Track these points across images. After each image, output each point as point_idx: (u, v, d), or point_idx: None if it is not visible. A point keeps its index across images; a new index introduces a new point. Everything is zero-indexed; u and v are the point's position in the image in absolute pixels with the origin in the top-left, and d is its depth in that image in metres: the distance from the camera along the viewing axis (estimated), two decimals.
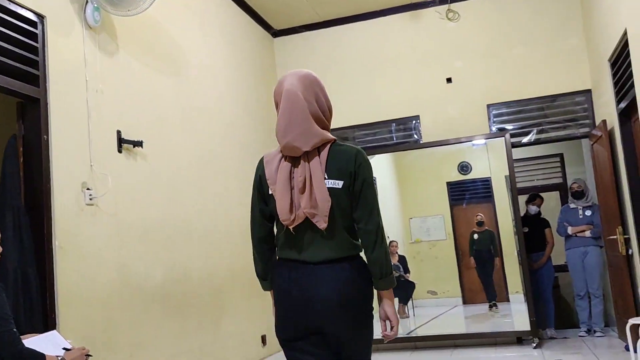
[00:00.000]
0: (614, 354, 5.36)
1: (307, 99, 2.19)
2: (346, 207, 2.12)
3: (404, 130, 6.97)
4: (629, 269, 5.38)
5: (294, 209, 2.12)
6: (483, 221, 7.30)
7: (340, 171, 2.13)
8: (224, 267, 5.28)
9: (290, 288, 2.15)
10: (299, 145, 2.15)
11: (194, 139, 5.11)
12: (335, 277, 2.08)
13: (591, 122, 6.33)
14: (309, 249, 2.13)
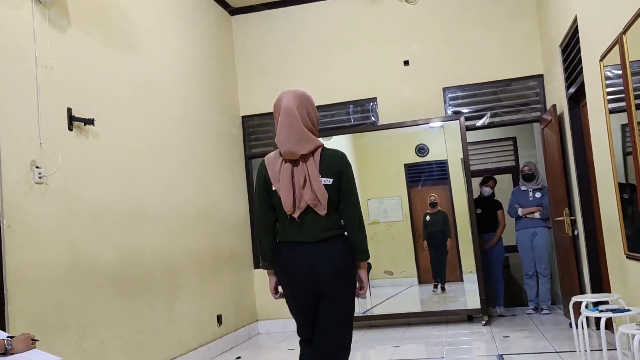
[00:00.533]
0: (559, 330, 5.57)
1: (300, 114, 2.74)
2: (334, 199, 2.73)
3: (361, 112, 7.01)
4: (575, 249, 5.58)
5: (296, 202, 2.68)
6: (436, 202, 7.38)
7: (330, 171, 2.72)
8: (179, 247, 5.26)
9: (293, 262, 2.73)
10: (297, 150, 2.70)
11: (148, 117, 5.04)
12: (328, 252, 2.72)
13: (542, 107, 6.49)
14: (307, 232, 2.72)
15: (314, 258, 2.71)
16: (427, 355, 5.07)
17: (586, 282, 5.33)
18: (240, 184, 6.97)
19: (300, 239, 2.73)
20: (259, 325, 6.92)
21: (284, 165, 2.72)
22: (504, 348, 5.03)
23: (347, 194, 2.74)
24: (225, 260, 6.22)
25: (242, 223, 6.86)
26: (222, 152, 6.54)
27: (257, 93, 7.17)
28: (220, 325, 5.90)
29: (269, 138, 7.23)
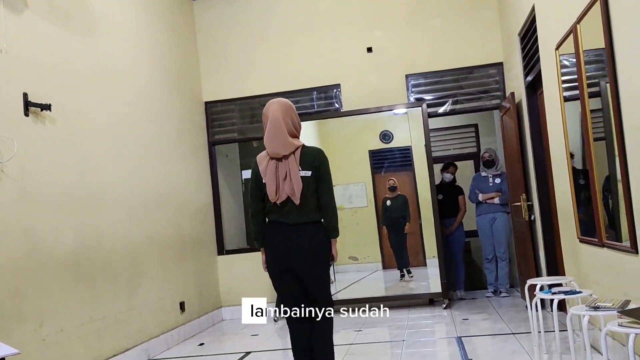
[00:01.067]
0: (516, 312, 5.72)
1: (285, 121, 3.34)
2: (313, 188, 3.34)
3: (325, 98, 7.03)
4: (531, 233, 5.73)
5: (278, 191, 3.31)
6: (396, 186, 7.37)
7: (309, 165, 3.34)
8: (140, 234, 5.22)
9: (277, 240, 3.37)
10: (281, 151, 3.32)
11: (108, 102, 4.96)
12: (306, 233, 3.33)
13: (502, 94, 6.61)
14: (288, 215, 3.34)
15: (291, 237, 3.33)
16: (388, 338, 5.16)
17: (542, 266, 5.48)
18: (204, 170, 6.93)
19: (282, 220, 3.36)
20: (223, 311, 6.93)
21: (270, 163, 3.35)
22: (462, 330, 5.15)
23: (323, 183, 3.36)
24: (188, 246, 6.19)
25: (205, 209, 6.84)
26: (185, 138, 6.49)
27: (220, 79, 7.12)
28: (183, 312, 5.89)
29: (232, 124, 7.20)
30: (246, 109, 7.19)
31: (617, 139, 3.14)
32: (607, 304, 2.88)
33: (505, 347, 4.42)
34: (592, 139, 3.64)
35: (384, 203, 7.43)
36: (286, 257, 3.36)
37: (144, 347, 5.06)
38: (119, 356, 4.67)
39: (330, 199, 3.37)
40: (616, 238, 3.39)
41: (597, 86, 3.52)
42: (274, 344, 5.50)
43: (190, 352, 5.31)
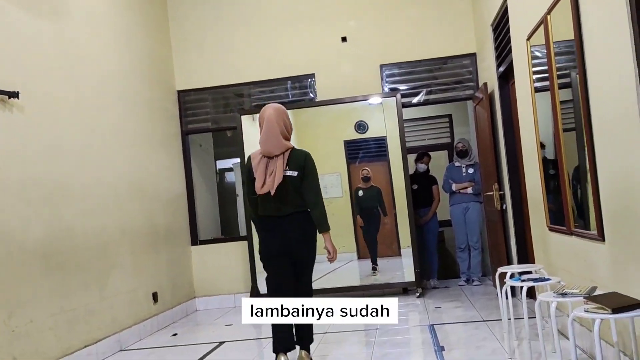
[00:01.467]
0: (488, 300, 5.81)
1: (278, 124, 3.72)
2: (299, 186, 3.72)
3: (299, 88, 7.01)
4: (503, 222, 5.81)
5: (263, 185, 3.67)
6: (369, 176, 7.30)
7: (296, 166, 3.72)
8: (111, 224, 5.15)
9: (268, 230, 3.79)
10: (273, 151, 3.71)
11: (78, 90, 4.88)
12: (294, 222, 3.74)
13: (475, 85, 6.66)
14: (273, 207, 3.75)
15: (281, 227, 3.75)
16: (363, 327, 5.19)
17: (513, 254, 5.56)
18: (176, 160, 6.87)
19: (269, 213, 3.79)
20: (197, 302, 6.90)
21: (262, 160, 3.73)
22: (435, 318, 5.21)
23: (308, 182, 3.74)
24: (161, 236, 6.14)
25: (178, 199, 6.78)
26: (157, 127, 6.41)
27: (193, 67, 7.05)
28: (156, 302, 5.84)
29: (206, 114, 7.15)
30: (220, 98, 7.13)
31: (586, 129, 3.18)
32: (574, 291, 2.93)
33: (476, 334, 4.48)
34: (562, 130, 3.70)
35: (356, 193, 7.34)
36: (275, 243, 3.78)
37: (116, 338, 5.02)
38: (91, 347, 4.62)
39: (314, 195, 3.74)
40: (584, 226, 3.45)
41: (568, 77, 3.56)
42: (248, 333, 5.50)
43: (163, 343, 5.28)
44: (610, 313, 2.42)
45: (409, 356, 4.20)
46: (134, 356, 4.85)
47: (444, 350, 4.07)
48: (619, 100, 2.74)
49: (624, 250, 2.88)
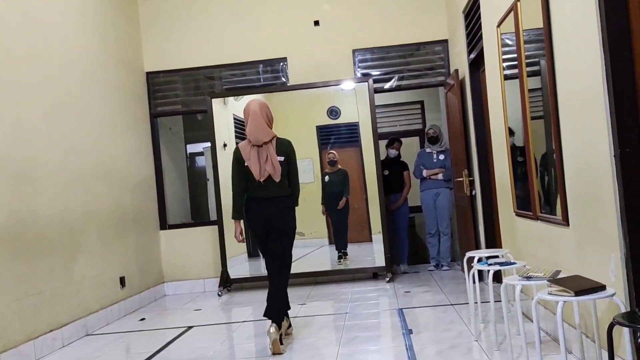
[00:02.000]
0: (456, 284, 5.88)
1: (262, 116, 4.14)
2: (285, 171, 4.15)
3: (271, 72, 6.96)
4: (472, 208, 5.87)
5: (262, 172, 4.08)
6: (336, 160, 7.18)
7: (282, 152, 4.14)
8: (78, 207, 5.07)
9: (258, 210, 4.16)
10: (262, 138, 4.10)
11: (43, 71, 4.76)
12: (280, 204, 4.15)
13: (447, 72, 6.70)
14: (267, 191, 4.13)
15: (270, 207, 4.14)
16: (332, 311, 5.22)
17: (481, 239, 5.63)
18: (145, 143, 6.77)
19: (263, 196, 4.15)
20: (166, 286, 6.85)
21: (252, 149, 4.11)
22: (404, 302, 5.26)
23: (291, 168, 4.21)
24: (128, 221, 6.06)
25: (147, 183, 6.70)
26: (125, 109, 6.30)
27: (163, 49, 6.93)
28: (123, 287, 5.78)
29: (175, 96, 7.05)
30: (190, 80, 7.04)
31: (553, 117, 3.22)
32: (539, 274, 2.98)
33: (444, 318, 4.54)
34: (530, 117, 3.74)
35: (322, 179, 7.17)
36: (268, 223, 4.15)
37: (82, 323, 4.96)
38: (56, 331, 4.56)
39: (297, 180, 4.29)
40: (550, 212, 3.50)
41: (537, 65, 3.59)
42: (217, 318, 5.48)
43: (130, 327, 5.23)
44: (572, 295, 2.47)
45: (378, 339, 4.23)
46: (101, 341, 4.80)
47: (412, 333, 4.11)
48: (586, 89, 2.77)
49: (587, 234, 2.93)
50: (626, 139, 2.48)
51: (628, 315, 2.11)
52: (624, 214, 2.48)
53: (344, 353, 3.79)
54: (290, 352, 4.00)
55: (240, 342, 4.49)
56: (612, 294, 2.47)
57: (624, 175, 2.48)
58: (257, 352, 4.14)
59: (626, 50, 2.49)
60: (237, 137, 7.19)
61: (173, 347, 4.40)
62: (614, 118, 2.50)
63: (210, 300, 6.30)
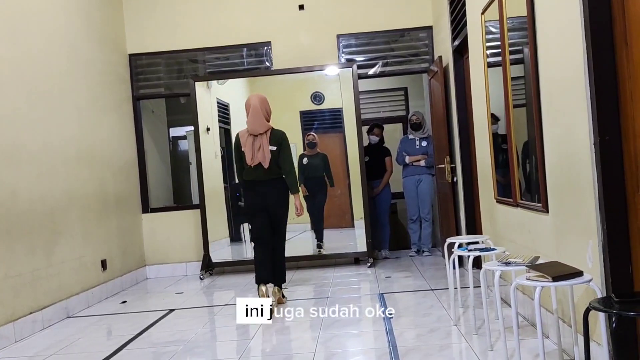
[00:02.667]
0: (437, 270, 5.94)
1: (261, 110, 4.72)
2: (277, 158, 4.69)
3: (255, 56, 6.92)
4: (453, 194, 5.93)
5: (253, 158, 4.65)
6: (315, 142, 6.96)
7: (275, 142, 4.71)
8: (59, 189, 5.02)
9: (253, 191, 4.78)
10: (258, 129, 4.70)
11: (24, 50, 4.69)
12: (273, 185, 4.74)
13: (431, 58, 6.71)
14: (257, 174, 4.72)
15: (263, 188, 4.74)
16: (313, 295, 5.25)
17: (462, 225, 5.69)
18: (127, 125, 6.71)
19: (254, 178, 4.75)
20: (147, 270, 6.83)
21: (249, 137, 4.71)
22: (385, 287, 5.31)
23: (284, 156, 4.73)
24: (110, 203, 6.02)
25: (130, 166, 6.65)
26: (107, 91, 6.24)
27: (146, 31, 6.85)
28: (105, 270, 5.76)
29: (158, 79, 6.98)
30: (173, 63, 6.97)
31: (535, 105, 3.25)
32: (517, 260, 3.03)
33: (423, 302, 4.59)
34: (512, 105, 3.77)
35: (300, 161, 6.95)
36: (259, 201, 4.75)
37: (63, 305, 4.94)
38: (36, 313, 4.54)
39: (288, 165, 4.75)
40: (530, 199, 3.55)
41: (520, 53, 3.62)
42: (198, 301, 5.49)
43: (112, 310, 5.22)
44: (550, 281, 2.51)
45: (359, 323, 4.27)
46: (82, 323, 4.78)
47: (392, 318, 4.16)
48: (567, 78, 2.81)
49: (566, 221, 2.98)
50: (606, 127, 2.52)
51: (604, 301, 2.16)
52: (602, 201, 2.53)
53: (325, 336, 3.83)
54: (271, 335, 4.03)
55: (222, 325, 4.51)
56: (589, 279, 2.52)
57: (602, 163, 2.52)
58: (238, 335, 4.16)
59: (608, 39, 2.52)
60: (220, 121, 7.16)
61: (154, 330, 4.40)
62: (595, 106, 2.53)
63: (192, 283, 6.31)
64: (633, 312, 2.05)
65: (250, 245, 7.90)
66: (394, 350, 3.42)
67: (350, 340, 3.75)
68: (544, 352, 2.58)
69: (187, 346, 3.87)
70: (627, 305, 2.04)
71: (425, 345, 3.48)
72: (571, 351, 2.95)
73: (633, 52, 2.40)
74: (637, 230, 2.46)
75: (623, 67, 2.47)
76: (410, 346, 3.47)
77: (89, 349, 4.01)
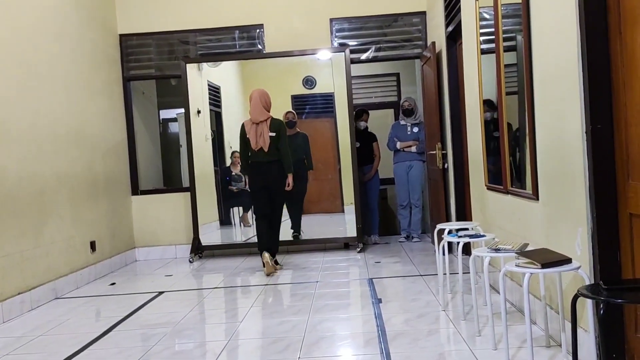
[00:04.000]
0: (426, 256, 5.98)
1: (261, 101, 5.52)
2: (276, 143, 5.49)
3: (247, 38, 6.86)
4: (444, 181, 5.94)
5: (257, 143, 5.47)
6: (295, 121, 6.72)
7: (274, 129, 5.49)
8: (48, 170, 4.98)
9: (256, 170, 5.57)
10: (259, 118, 5.49)
11: (12, 27, 4.61)
12: (272, 166, 5.50)
13: (424, 44, 6.69)
14: (260, 156, 5.51)
15: (266, 169, 5.51)
16: (303, 280, 5.27)
17: (452, 212, 5.72)
18: (117, 107, 6.65)
19: (257, 160, 5.54)
20: (137, 252, 6.82)
21: (252, 126, 5.51)
22: (374, 272, 5.33)
23: (282, 141, 5.52)
24: (100, 185, 5.99)
25: (119, 148, 6.61)
26: (97, 72, 6.17)
27: (137, 11, 6.77)
28: (94, 251, 5.74)
29: (149, 60, 6.92)
30: (164, 44, 6.90)
31: (527, 92, 3.26)
32: (507, 247, 3.05)
33: (412, 288, 4.62)
34: (505, 92, 3.77)
35: None
36: (261, 180, 5.54)
37: (52, 286, 4.92)
38: (25, 294, 4.52)
39: (285, 149, 5.53)
40: (520, 186, 3.57)
41: (514, 40, 3.62)
42: (187, 284, 5.49)
43: (101, 292, 5.21)
44: (539, 268, 2.53)
45: (348, 307, 4.29)
46: (70, 304, 4.77)
47: (381, 302, 4.18)
48: (561, 65, 2.80)
49: (556, 209, 3.00)
50: (598, 116, 2.53)
51: (592, 288, 2.18)
52: (593, 189, 2.54)
53: (314, 320, 3.84)
54: (260, 318, 4.04)
55: (211, 308, 4.52)
56: (578, 267, 2.55)
57: (594, 151, 2.53)
58: (227, 318, 4.17)
59: (602, 28, 2.52)
60: (211, 104, 7.12)
61: (143, 312, 4.40)
62: (587, 94, 2.54)
63: (181, 266, 6.30)
64: (621, 299, 2.07)
65: (240, 229, 7.99)
66: (383, 334, 3.44)
67: (339, 325, 3.76)
68: (531, 338, 2.61)
69: (176, 328, 3.87)
70: (615, 293, 2.06)
71: (413, 329, 3.50)
72: (558, 337, 2.98)
73: (627, 42, 2.40)
74: (627, 218, 2.48)
75: (617, 56, 2.48)
76: (399, 331, 3.50)
77: (78, 330, 4.01)
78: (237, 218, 7.38)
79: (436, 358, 3.01)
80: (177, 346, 3.54)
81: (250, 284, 5.31)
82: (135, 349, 3.48)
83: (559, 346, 2.97)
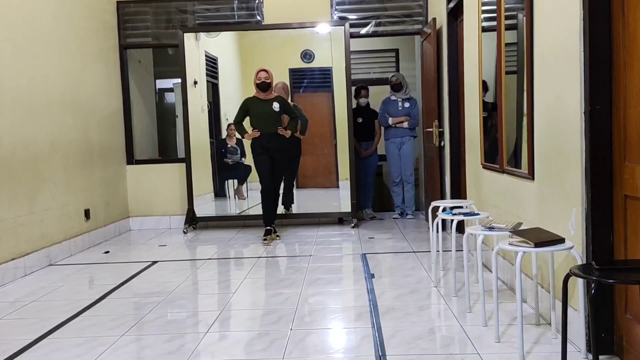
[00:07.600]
0: (419, 233, 6.01)
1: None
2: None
3: (246, 9, 6.78)
4: (440, 159, 5.94)
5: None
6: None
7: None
8: (42, 136, 4.95)
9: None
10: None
11: None
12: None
13: (424, 20, 6.62)
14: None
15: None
16: (297, 253, 5.29)
17: (447, 190, 5.73)
18: (114, 75, 6.59)
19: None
20: (131, 221, 6.82)
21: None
22: (367, 248, 5.36)
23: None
24: (95, 153, 5.96)
25: (115, 117, 6.56)
26: (93, 38, 6.10)
27: None
28: (88, 219, 5.74)
29: (146, 28, 6.83)
30: (162, 12, 6.81)
31: (527, 71, 3.24)
32: (501, 225, 3.06)
33: (405, 264, 4.65)
34: (505, 71, 3.75)
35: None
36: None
37: (45, 253, 4.92)
38: (18, 260, 4.52)
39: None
40: (516, 165, 3.57)
41: (515, 19, 3.58)
42: (181, 254, 5.50)
43: (94, 260, 5.22)
44: (532, 247, 2.54)
45: (340, 281, 4.32)
46: (64, 271, 4.78)
47: (374, 278, 4.21)
48: (562, 45, 2.78)
49: (550, 188, 3.00)
50: (597, 96, 2.52)
51: (584, 267, 2.19)
52: (589, 170, 2.55)
53: (307, 293, 3.87)
54: (253, 291, 4.07)
55: (204, 279, 4.54)
56: (571, 246, 2.56)
57: (591, 131, 2.53)
58: (220, 289, 4.19)
59: (605, 8, 2.50)
60: (208, 74, 7.06)
61: (137, 281, 4.42)
62: (587, 75, 2.52)
63: (175, 237, 6.32)
64: (612, 279, 2.09)
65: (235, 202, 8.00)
66: (375, 308, 3.47)
67: (331, 298, 3.79)
68: (522, 315, 2.63)
69: (169, 298, 3.90)
70: (607, 273, 2.07)
71: (405, 305, 3.53)
72: (548, 316, 3.01)
73: (629, 22, 2.38)
74: (621, 199, 2.49)
75: (618, 37, 2.46)
76: (390, 305, 3.53)
77: (71, 296, 4.02)
78: (231, 191, 7.38)
79: (427, 333, 3.04)
80: (169, 315, 3.56)
81: (244, 255, 5.33)
82: (128, 317, 3.50)
83: (548, 324, 3.01)
